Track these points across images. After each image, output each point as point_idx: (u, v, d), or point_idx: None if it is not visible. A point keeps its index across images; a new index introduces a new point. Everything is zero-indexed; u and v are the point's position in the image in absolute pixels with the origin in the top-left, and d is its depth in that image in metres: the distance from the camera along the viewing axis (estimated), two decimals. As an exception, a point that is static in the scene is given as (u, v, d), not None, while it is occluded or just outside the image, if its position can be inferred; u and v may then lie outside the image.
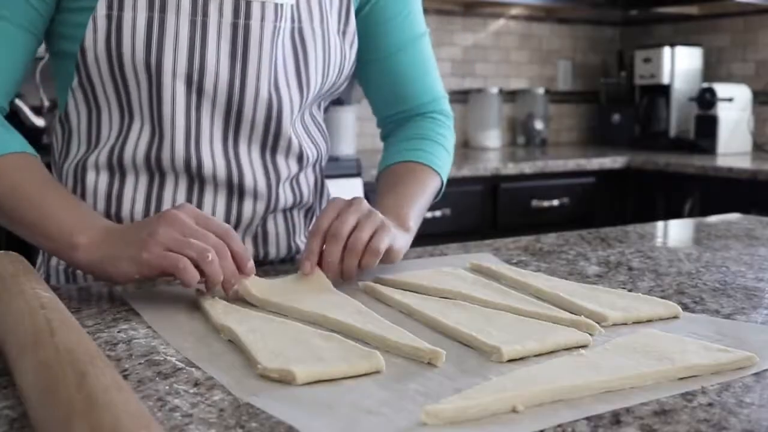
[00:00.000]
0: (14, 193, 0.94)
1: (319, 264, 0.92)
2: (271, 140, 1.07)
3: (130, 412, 0.48)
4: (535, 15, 3.82)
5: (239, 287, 0.86)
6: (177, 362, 0.68)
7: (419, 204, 1.10)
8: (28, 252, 2.14)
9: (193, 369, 0.66)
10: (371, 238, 0.92)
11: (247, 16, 1.01)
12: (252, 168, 1.06)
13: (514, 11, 3.74)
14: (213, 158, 1.04)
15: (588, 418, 0.56)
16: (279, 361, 0.65)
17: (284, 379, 0.63)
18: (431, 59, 1.23)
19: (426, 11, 1.29)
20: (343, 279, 0.92)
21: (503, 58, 3.78)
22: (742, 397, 0.60)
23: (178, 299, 0.87)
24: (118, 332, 0.77)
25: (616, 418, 0.57)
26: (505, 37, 3.76)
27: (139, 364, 0.68)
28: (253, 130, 1.05)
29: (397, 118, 1.24)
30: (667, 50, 3.51)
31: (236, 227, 1.06)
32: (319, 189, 1.21)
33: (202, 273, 0.83)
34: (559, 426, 0.55)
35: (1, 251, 0.90)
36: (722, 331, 0.76)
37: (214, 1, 0.99)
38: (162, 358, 0.69)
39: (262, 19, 1.01)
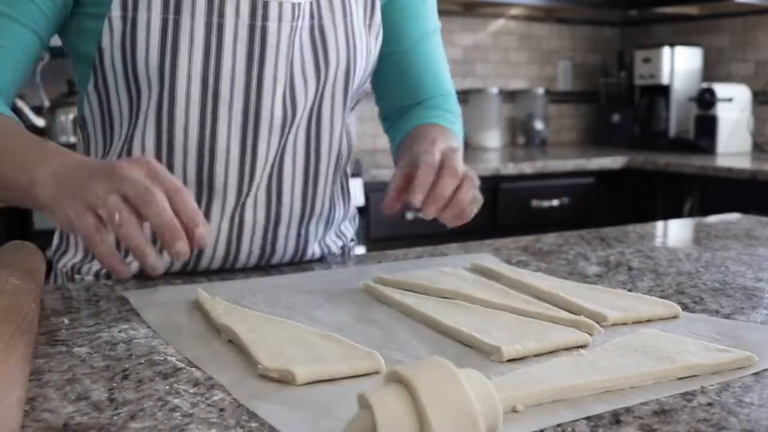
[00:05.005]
0: None
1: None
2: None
3: None
4: (535, 15, 3.82)
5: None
6: (177, 362, 0.68)
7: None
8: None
9: (193, 369, 0.66)
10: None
11: (265, 18, 0.98)
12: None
13: (514, 11, 3.74)
14: (227, 168, 1.01)
15: (588, 418, 0.56)
16: (279, 361, 0.65)
17: (284, 379, 0.63)
18: (443, 54, 1.23)
19: (426, 11, 1.28)
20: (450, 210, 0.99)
21: (503, 59, 3.78)
22: (741, 397, 0.60)
23: (178, 299, 0.87)
24: (118, 332, 0.77)
25: (616, 418, 0.57)
26: (505, 37, 3.75)
27: (139, 364, 0.68)
28: (271, 132, 1.02)
29: (406, 109, 1.23)
30: (666, 50, 3.51)
31: (240, 232, 1.04)
32: (344, 193, 1.18)
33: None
34: (559, 426, 0.55)
35: (19, 241, 0.91)
36: (722, 331, 0.76)
37: (231, 2, 0.97)
38: (162, 358, 0.69)
39: (280, 19, 0.99)
